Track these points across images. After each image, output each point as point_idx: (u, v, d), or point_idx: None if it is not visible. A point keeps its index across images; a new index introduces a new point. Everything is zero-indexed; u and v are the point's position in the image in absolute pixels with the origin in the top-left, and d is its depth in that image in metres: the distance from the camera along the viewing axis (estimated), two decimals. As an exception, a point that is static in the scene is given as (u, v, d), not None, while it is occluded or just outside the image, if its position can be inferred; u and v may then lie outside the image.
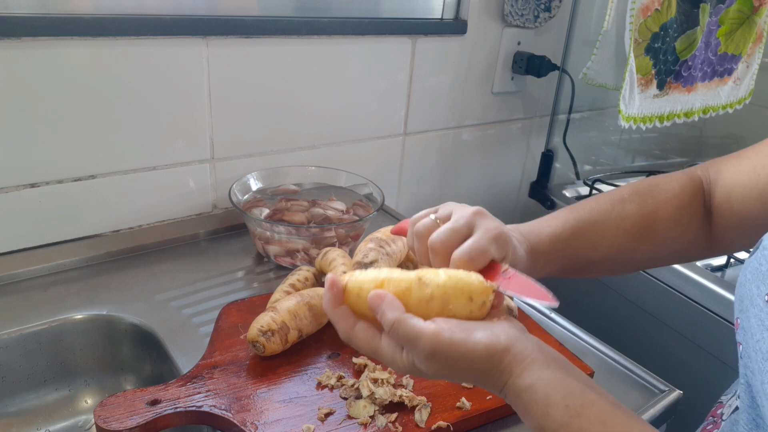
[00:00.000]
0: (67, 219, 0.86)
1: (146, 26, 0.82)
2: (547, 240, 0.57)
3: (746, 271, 0.46)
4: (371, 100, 1.10)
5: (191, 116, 0.91)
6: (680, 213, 0.60)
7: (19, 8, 0.75)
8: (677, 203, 0.60)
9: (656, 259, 0.63)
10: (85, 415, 0.78)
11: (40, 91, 0.78)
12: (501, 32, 1.21)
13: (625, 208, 0.60)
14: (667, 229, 0.60)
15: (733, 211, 0.58)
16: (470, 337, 0.43)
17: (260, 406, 0.61)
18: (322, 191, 1.01)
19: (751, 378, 0.44)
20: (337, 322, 0.46)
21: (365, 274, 0.46)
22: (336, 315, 0.46)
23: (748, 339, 0.44)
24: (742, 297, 0.46)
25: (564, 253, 0.58)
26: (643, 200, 0.60)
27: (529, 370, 0.43)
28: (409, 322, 0.42)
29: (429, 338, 0.42)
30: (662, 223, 0.60)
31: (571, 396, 0.43)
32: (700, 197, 0.61)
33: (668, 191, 0.61)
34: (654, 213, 0.60)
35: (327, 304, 0.46)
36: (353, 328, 0.46)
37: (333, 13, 1.00)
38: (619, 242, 0.59)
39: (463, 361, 0.43)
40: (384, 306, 0.43)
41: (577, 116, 1.34)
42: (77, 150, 0.84)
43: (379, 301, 0.43)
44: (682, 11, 1.13)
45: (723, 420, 0.53)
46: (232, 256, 0.94)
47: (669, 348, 1.09)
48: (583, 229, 0.59)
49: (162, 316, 0.77)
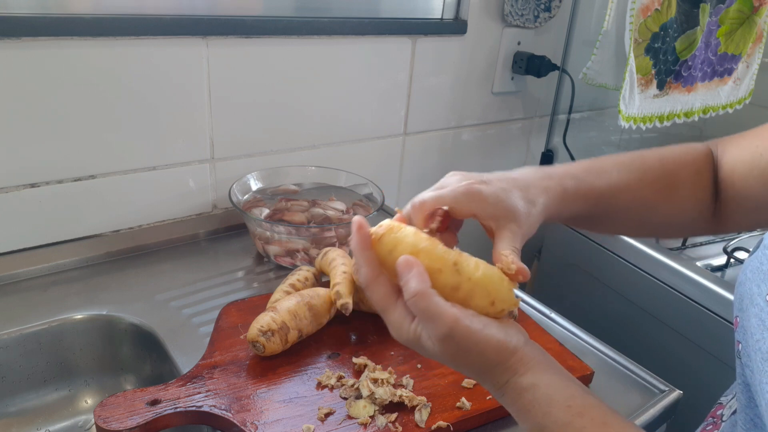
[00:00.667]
0: (67, 219, 0.86)
1: (146, 26, 0.82)
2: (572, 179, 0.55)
3: (746, 270, 0.46)
4: (371, 100, 1.10)
5: (191, 116, 0.91)
6: (698, 177, 0.59)
7: (19, 8, 0.75)
8: (696, 167, 0.60)
9: (674, 223, 0.61)
10: (85, 415, 0.78)
11: (40, 91, 0.78)
12: (501, 32, 1.21)
13: (647, 162, 0.59)
14: (686, 192, 0.59)
15: (735, 189, 0.58)
16: (486, 330, 0.43)
17: (260, 406, 0.61)
18: (322, 191, 1.01)
19: (749, 377, 0.44)
20: (362, 264, 0.45)
21: (405, 233, 0.45)
22: (363, 257, 0.45)
23: (748, 338, 0.44)
24: (742, 296, 0.46)
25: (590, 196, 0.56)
26: (664, 159, 0.60)
27: (533, 372, 0.44)
28: (433, 299, 0.42)
29: (449, 320, 0.42)
30: (683, 184, 0.59)
31: (573, 398, 0.43)
32: (713, 169, 0.61)
33: (687, 156, 0.60)
34: (674, 173, 0.59)
35: (355, 245, 0.45)
36: (377, 278, 0.45)
37: (333, 13, 1.00)
38: (643, 195, 0.58)
39: (474, 351, 0.43)
40: (412, 274, 0.42)
41: (577, 116, 1.34)
42: (77, 150, 0.84)
43: (408, 269, 0.42)
44: (682, 11, 1.13)
45: (723, 421, 0.53)
46: (232, 256, 0.94)
47: (669, 348, 1.09)
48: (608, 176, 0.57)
49: (162, 316, 0.77)
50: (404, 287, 0.42)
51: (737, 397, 0.48)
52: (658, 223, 0.61)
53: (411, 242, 0.44)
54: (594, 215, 0.58)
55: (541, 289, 1.34)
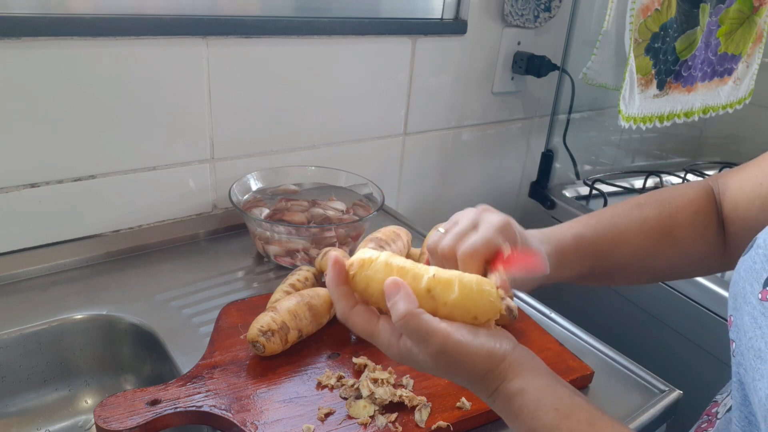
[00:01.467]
0: (67, 219, 0.86)
1: (146, 26, 0.82)
2: (571, 239, 0.57)
3: (740, 269, 0.47)
4: (371, 100, 1.10)
5: (191, 116, 0.91)
6: (697, 218, 0.60)
7: (19, 8, 0.75)
8: (694, 208, 0.60)
9: (679, 267, 0.62)
10: (85, 415, 0.78)
11: (41, 91, 0.78)
12: (501, 32, 1.21)
13: (644, 212, 0.60)
14: (687, 235, 0.60)
15: (740, 221, 0.58)
16: (476, 341, 0.44)
17: (260, 406, 0.61)
18: (322, 191, 1.01)
19: (743, 375, 0.44)
20: (337, 300, 0.47)
21: (377, 269, 0.46)
22: (337, 293, 0.46)
23: (741, 337, 0.44)
24: (736, 295, 0.46)
25: (590, 254, 0.58)
26: (661, 205, 0.61)
27: (521, 377, 0.45)
28: (422, 318, 0.43)
29: (440, 337, 0.43)
30: (681, 228, 0.60)
31: (561, 400, 0.44)
32: (714, 205, 0.61)
33: (684, 197, 0.61)
34: (672, 217, 0.60)
35: (329, 282, 0.47)
36: (352, 309, 0.46)
37: (333, 13, 1.00)
38: (642, 245, 0.59)
39: (466, 362, 0.44)
40: (399, 296, 0.43)
41: (577, 116, 1.34)
42: (77, 150, 0.84)
43: (396, 290, 0.43)
44: (682, 11, 1.13)
45: (718, 419, 0.53)
46: (232, 256, 0.94)
47: (669, 348, 1.09)
48: (606, 231, 0.59)
49: (162, 316, 0.77)
50: (392, 309, 0.43)
51: (732, 394, 0.48)
52: (663, 269, 0.62)
53: (382, 278, 0.45)
54: (596, 274, 0.59)
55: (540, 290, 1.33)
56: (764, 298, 0.42)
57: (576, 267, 0.57)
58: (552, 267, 0.54)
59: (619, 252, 0.58)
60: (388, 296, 0.44)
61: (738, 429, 0.46)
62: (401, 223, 1.07)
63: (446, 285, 0.45)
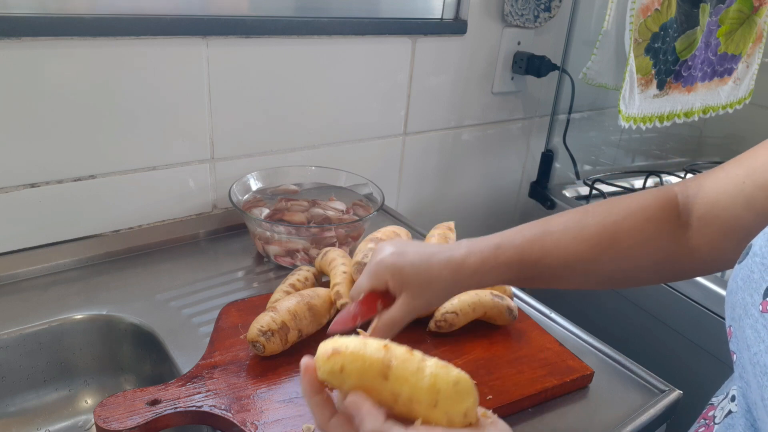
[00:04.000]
0: (67, 219, 0.86)
1: (146, 26, 0.82)
2: (492, 249, 0.59)
3: (737, 278, 0.46)
4: (371, 100, 1.10)
5: (191, 116, 0.91)
6: (646, 224, 0.59)
7: (19, 8, 0.75)
8: (643, 215, 0.59)
9: (624, 272, 0.61)
10: (85, 415, 0.78)
11: (41, 90, 0.78)
12: (501, 32, 1.21)
13: (586, 218, 0.60)
14: (632, 241, 0.59)
15: (721, 221, 0.57)
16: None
17: (260, 406, 0.61)
18: (322, 191, 1.01)
19: (746, 389, 0.43)
20: (314, 410, 0.46)
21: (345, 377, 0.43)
22: (313, 403, 0.46)
23: (743, 350, 0.43)
24: (734, 305, 0.45)
25: (514, 262, 0.59)
26: (607, 211, 0.60)
27: None
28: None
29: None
30: (626, 233, 0.59)
31: None
32: (673, 211, 0.60)
33: (635, 204, 0.60)
34: (616, 224, 0.59)
35: (304, 392, 0.46)
36: (329, 421, 0.45)
37: (333, 13, 1.00)
38: (577, 250, 0.59)
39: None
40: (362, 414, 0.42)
41: (577, 116, 1.34)
42: (77, 150, 0.84)
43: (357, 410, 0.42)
44: (682, 11, 1.13)
45: (716, 423, 0.53)
46: (232, 256, 0.94)
47: (669, 348, 1.09)
48: (536, 239, 0.59)
49: (162, 316, 0.77)
50: (359, 427, 0.42)
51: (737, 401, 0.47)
52: (606, 275, 0.61)
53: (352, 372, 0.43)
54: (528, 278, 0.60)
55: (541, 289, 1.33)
56: (765, 309, 0.41)
57: (499, 275, 0.59)
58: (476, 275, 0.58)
59: (549, 259, 0.59)
60: (353, 416, 0.43)
61: None
62: (401, 223, 1.07)
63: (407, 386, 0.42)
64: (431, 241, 0.81)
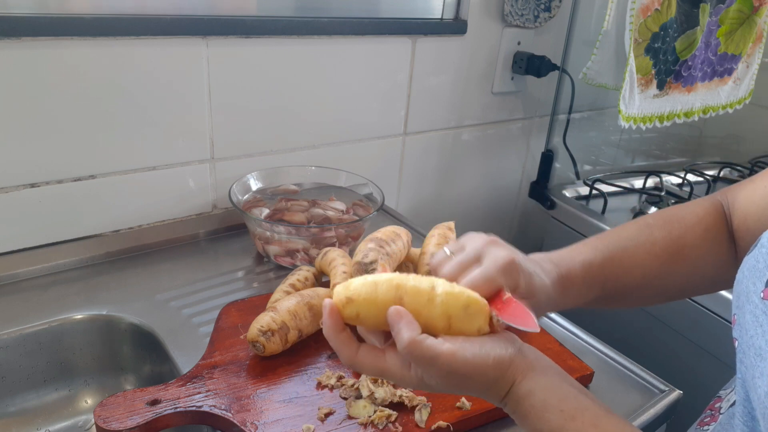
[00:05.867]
0: (67, 219, 0.86)
1: (146, 26, 0.82)
2: (579, 267, 0.56)
3: (744, 268, 0.47)
4: (371, 100, 1.10)
5: (191, 116, 0.91)
6: (708, 236, 0.60)
7: (19, 8, 0.75)
8: (703, 227, 0.60)
9: (692, 286, 0.62)
10: (85, 415, 0.78)
11: (41, 90, 0.78)
12: (501, 32, 1.21)
13: (653, 233, 0.60)
14: (697, 254, 0.59)
15: (751, 234, 0.58)
16: (482, 352, 0.44)
17: (260, 406, 0.61)
18: (322, 191, 1.01)
19: (744, 373, 0.45)
20: (340, 348, 0.46)
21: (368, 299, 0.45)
22: (339, 341, 0.46)
23: (743, 335, 0.44)
24: (739, 294, 0.47)
25: (598, 280, 0.57)
26: (670, 225, 0.60)
27: (528, 378, 0.45)
28: (425, 343, 0.43)
29: (446, 358, 0.43)
30: (691, 248, 0.59)
31: (566, 400, 0.45)
32: (724, 221, 0.61)
33: (693, 216, 0.61)
34: (681, 238, 0.59)
35: (329, 332, 0.46)
36: (357, 354, 0.46)
37: (333, 13, 1.00)
38: (652, 267, 0.59)
39: (475, 376, 0.44)
40: (402, 324, 0.43)
41: (577, 116, 1.34)
42: (77, 150, 0.84)
43: (399, 319, 0.43)
44: (682, 11, 1.13)
45: (721, 413, 0.53)
46: (232, 256, 0.94)
47: (669, 348, 1.09)
48: (615, 255, 0.58)
49: (162, 316, 0.77)
50: (396, 337, 0.43)
51: (736, 390, 0.48)
52: (674, 289, 0.61)
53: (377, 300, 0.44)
54: (607, 297, 0.58)
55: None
56: (766, 296, 0.43)
57: (584, 294, 0.57)
58: (559, 294, 0.54)
59: (629, 276, 0.58)
60: (391, 325, 0.44)
61: (741, 424, 0.46)
62: (401, 223, 1.07)
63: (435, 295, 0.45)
64: (431, 241, 0.80)
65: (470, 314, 0.44)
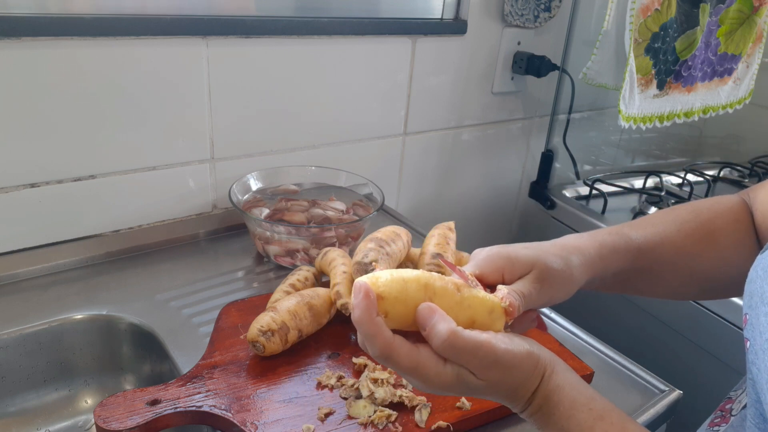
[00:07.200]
0: (67, 219, 0.86)
1: (146, 26, 0.82)
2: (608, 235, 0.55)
3: (758, 267, 0.46)
4: (371, 100, 1.10)
5: (191, 116, 0.91)
6: (738, 226, 0.59)
7: (19, 8, 0.75)
8: (734, 216, 0.60)
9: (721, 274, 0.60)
10: (85, 415, 0.78)
11: (41, 90, 0.78)
12: (501, 32, 1.21)
13: (680, 215, 0.59)
14: (728, 242, 0.59)
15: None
16: (513, 343, 0.43)
17: (260, 406, 0.61)
18: (322, 191, 1.01)
19: (756, 375, 0.44)
20: (375, 334, 0.41)
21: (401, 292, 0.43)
22: (375, 327, 0.41)
23: (756, 336, 0.44)
24: (752, 293, 0.46)
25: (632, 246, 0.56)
26: (698, 210, 0.60)
27: (556, 372, 0.45)
28: (465, 333, 0.41)
29: (490, 347, 0.42)
30: (720, 232, 0.59)
31: (593, 400, 0.44)
32: (750, 216, 0.61)
33: (721, 204, 0.60)
34: (711, 222, 0.59)
35: (363, 315, 0.41)
36: (393, 343, 0.41)
37: (333, 13, 1.00)
38: (684, 245, 0.58)
39: (515, 368, 0.43)
40: (436, 319, 0.41)
41: (577, 116, 1.34)
42: (77, 150, 0.84)
43: (431, 314, 0.42)
44: (682, 11, 1.13)
45: (732, 416, 0.53)
46: (232, 256, 0.94)
47: (669, 348, 1.09)
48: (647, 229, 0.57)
49: (162, 316, 0.77)
50: (432, 332, 0.41)
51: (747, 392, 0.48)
52: (705, 275, 0.60)
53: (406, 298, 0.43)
54: (638, 269, 0.57)
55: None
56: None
57: (616, 262, 0.55)
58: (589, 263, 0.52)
59: (661, 248, 0.57)
60: (424, 322, 0.42)
61: (753, 426, 0.46)
62: (401, 223, 1.07)
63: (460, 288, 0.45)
64: (431, 241, 0.80)
65: (493, 318, 0.45)
